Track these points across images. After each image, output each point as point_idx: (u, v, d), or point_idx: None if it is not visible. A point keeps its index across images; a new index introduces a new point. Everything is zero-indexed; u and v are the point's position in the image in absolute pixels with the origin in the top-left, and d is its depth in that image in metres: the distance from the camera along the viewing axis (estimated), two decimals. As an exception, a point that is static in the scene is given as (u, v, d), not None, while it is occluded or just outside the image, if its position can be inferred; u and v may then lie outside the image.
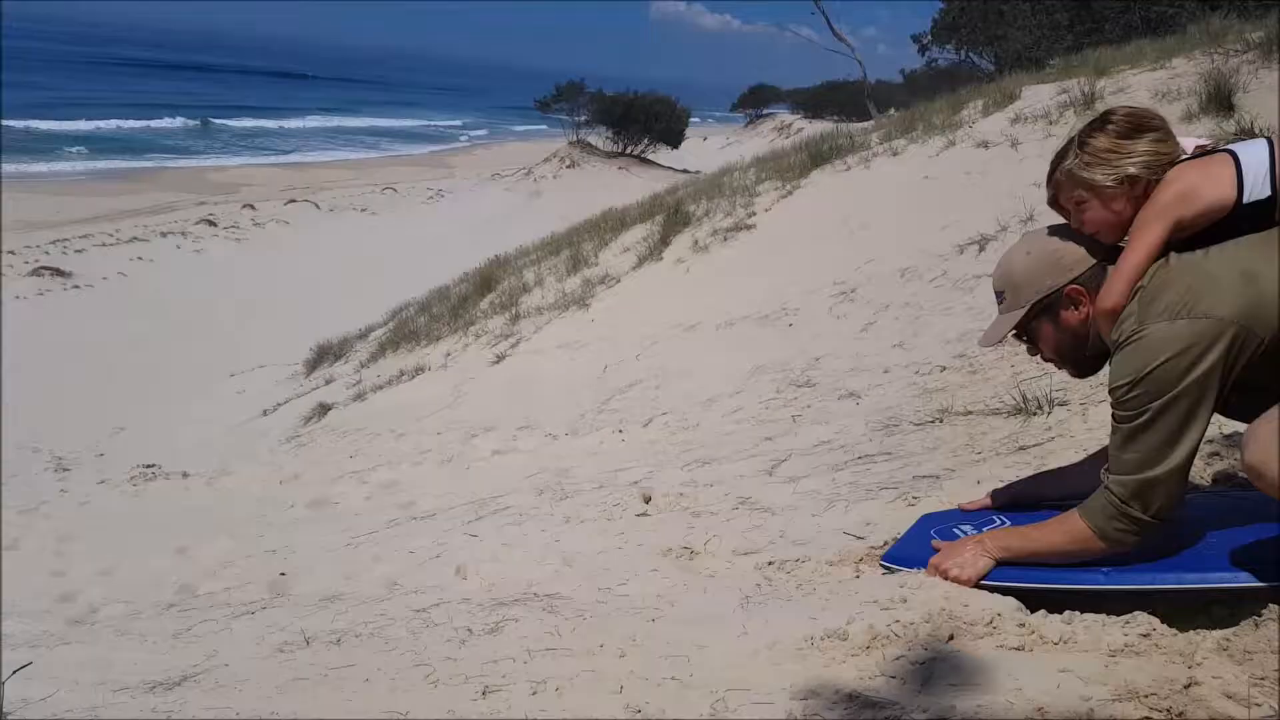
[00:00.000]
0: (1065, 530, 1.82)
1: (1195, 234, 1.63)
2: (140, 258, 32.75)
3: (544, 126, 50.32)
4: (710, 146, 56.17)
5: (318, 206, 45.53)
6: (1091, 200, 1.74)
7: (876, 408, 4.36)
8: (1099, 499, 1.74)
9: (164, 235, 37.73)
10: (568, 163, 39.96)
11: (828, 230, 7.89)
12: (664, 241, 8.37)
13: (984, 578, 1.98)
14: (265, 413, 9.80)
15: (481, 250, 16.44)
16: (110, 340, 19.31)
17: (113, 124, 48.63)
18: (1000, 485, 2.50)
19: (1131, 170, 1.68)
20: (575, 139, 41.76)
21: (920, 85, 30.26)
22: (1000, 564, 1.98)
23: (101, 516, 7.55)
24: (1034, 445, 3.16)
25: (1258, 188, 1.55)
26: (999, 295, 1.99)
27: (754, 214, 8.43)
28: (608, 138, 41.36)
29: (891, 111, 19.57)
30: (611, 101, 40.55)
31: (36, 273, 28.85)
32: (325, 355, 11.63)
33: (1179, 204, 1.61)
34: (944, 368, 4.57)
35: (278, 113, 63.24)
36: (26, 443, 11.85)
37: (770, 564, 2.63)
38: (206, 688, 2.74)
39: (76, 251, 34.26)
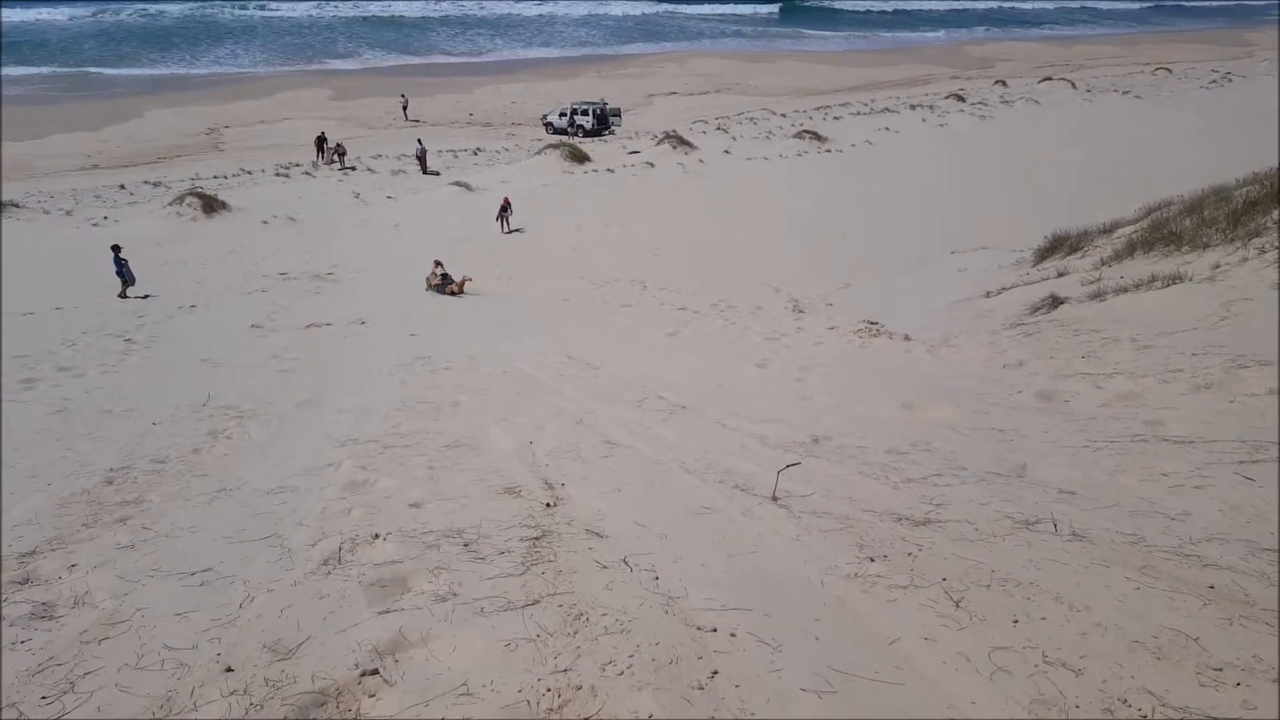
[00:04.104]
0: None
1: None
2: (887, 128, 35.39)
3: None
4: None
5: (1074, 85, 42.50)
6: None
7: None
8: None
9: (912, 108, 39.97)
10: None
11: None
12: None
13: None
14: (988, 294, 9.81)
15: (1272, 147, 13.30)
16: (843, 203, 21.53)
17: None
18: None
19: None
20: None
21: None
22: None
23: (831, 355, 8.63)
24: None
25: None
26: None
27: None
28: None
29: None
30: None
31: (799, 135, 33.56)
32: (1060, 246, 10.99)
33: None
34: None
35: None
36: (769, 281, 14.21)
37: None
38: (951, 536, 2.92)
39: (834, 118, 38.63)
